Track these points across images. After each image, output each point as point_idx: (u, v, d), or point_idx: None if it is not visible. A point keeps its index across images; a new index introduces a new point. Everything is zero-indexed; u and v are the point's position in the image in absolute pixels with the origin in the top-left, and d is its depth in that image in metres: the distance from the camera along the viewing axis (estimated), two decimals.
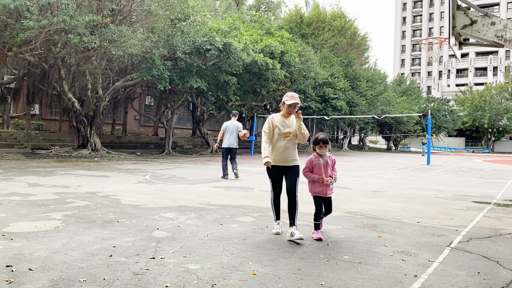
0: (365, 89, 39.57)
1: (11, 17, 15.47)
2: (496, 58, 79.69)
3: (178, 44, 20.07)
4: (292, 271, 3.64)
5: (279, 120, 4.94)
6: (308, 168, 4.92)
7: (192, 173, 12.82)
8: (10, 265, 3.52)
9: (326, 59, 36.63)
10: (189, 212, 6.21)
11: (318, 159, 4.90)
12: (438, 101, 59.80)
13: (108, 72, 20.89)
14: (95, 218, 5.58)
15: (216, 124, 42.62)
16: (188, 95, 24.91)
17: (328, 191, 4.91)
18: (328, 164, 4.92)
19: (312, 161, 4.91)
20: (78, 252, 3.97)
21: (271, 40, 25.05)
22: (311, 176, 4.90)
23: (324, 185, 4.85)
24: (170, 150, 24.66)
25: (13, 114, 25.58)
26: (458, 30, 6.06)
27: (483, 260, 4.18)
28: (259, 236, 4.87)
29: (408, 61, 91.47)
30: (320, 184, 4.85)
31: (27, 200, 6.78)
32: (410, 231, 5.43)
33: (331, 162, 4.97)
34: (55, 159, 17.03)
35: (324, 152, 4.91)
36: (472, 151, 58.91)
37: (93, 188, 8.58)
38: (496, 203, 8.38)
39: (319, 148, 4.89)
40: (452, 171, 17.69)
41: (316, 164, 4.89)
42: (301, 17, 42.30)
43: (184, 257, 3.93)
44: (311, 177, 4.90)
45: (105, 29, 16.62)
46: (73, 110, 20.10)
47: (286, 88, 28.36)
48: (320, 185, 4.86)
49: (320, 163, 4.88)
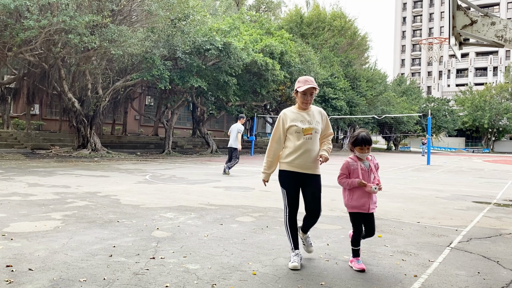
0: (365, 89, 39.57)
1: (11, 17, 15.47)
2: (496, 58, 79.68)
3: (178, 44, 20.07)
4: (292, 271, 3.64)
5: (294, 115, 3.86)
6: (344, 175, 3.86)
7: (192, 173, 12.82)
8: (10, 265, 3.52)
9: (326, 59, 36.62)
10: (189, 212, 6.21)
11: (357, 162, 3.85)
12: (438, 101, 59.80)
13: (108, 72, 20.89)
14: (95, 218, 5.58)
15: (216, 124, 42.64)
16: (188, 95, 24.91)
17: (371, 205, 3.82)
18: (371, 169, 3.87)
19: (349, 165, 3.85)
20: (78, 252, 3.97)
21: (271, 40, 25.06)
22: (349, 182, 3.81)
23: (366, 196, 3.79)
24: (170, 150, 24.66)
25: (13, 114, 25.58)
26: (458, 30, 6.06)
27: (483, 260, 4.18)
28: (259, 236, 4.87)
29: (408, 61, 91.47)
30: (360, 195, 3.80)
31: (27, 200, 6.78)
32: (410, 231, 5.43)
33: (374, 166, 3.91)
34: (55, 159, 17.03)
35: (366, 156, 3.87)
36: (472, 151, 58.91)
37: (93, 188, 8.58)
38: (496, 203, 8.38)
39: (359, 150, 3.81)
40: (452, 171, 17.69)
41: (354, 170, 3.83)
42: (301, 17, 42.31)
43: (184, 257, 3.93)
44: (348, 183, 3.81)
45: (105, 29, 16.62)
46: (73, 110, 20.10)
47: (286, 88, 28.35)
48: (360, 197, 3.80)
49: (359, 167, 3.83)
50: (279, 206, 7.07)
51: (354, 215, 3.86)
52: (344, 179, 3.85)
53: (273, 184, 10.53)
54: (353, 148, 3.85)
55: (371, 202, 3.82)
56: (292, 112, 3.90)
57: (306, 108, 3.88)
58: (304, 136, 3.78)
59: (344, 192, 3.93)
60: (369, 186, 3.74)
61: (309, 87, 3.75)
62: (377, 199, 4.02)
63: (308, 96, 3.80)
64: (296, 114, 3.86)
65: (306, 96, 3.80)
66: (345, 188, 3.90)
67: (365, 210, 3.80)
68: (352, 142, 3.85)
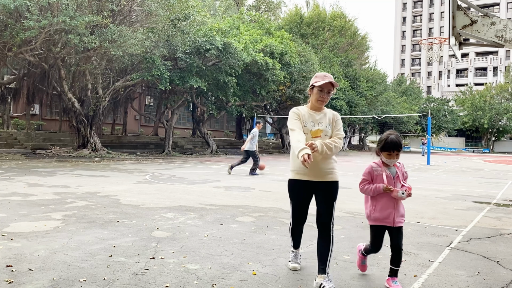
0: (365, 89, 39.57)
1: (11, 17, 15.47)
2: (496, 58, 79.69)
3: (178, 44, 20.08)
4: (292, 271, 3.64)
5: (306, 115, 3.46)
6: (366, 181, 3.40)
7: (192, 173, 12.82)
8: (10, 265, 3.52)
9: (326, 59, 36.63)
10: (189, 212, 6.21)
11: (382, 168, 3.37)
12: (438, 101, 59.81)
13: (108, 72, 20.90)
14: (95, 218, 5.58)
15: (216, 124, 42.62)
16: (188, 95, 24.91)
17: (397, 218, 3.29)
18: (397, 177, 3.37)
19: (373, 171, 3.39)
20: (78, 252, 3.97)
21: (271, 40, 25.06)
22: (373, 187, 3.33)
23: (391, 207, 3.29)
24: (170, 150, 24.66)
25: (13, 114, 25.58)
26: (458, 30, 6.06)
27: (483, 260, 4.18)
28: (259, 236, 4.86)
29: (408, 61, 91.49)
30: (385, 206, 3.30)
31: (27, 200, 6.78)
32: (410, 231, 5.43)
33: (401, 175, 3.40)
34: (55, 159, 17.03)
35: (394, 162, 3.38)
36: (472, 151, 58.92)
37: (93, 188, 8.58)
38: (496, 203, 8.38)
39: (387, 156, 3.31)
40: (452, 171, 17.69)
41: (378, 176, 3.36)
42: (301, 17, 42.32)
43: (184, 257, 3.93)
44: (372, 189, 3.33)
45: (105, 29, 16.62)
46: (73, 110, 20.10)
47: (286, 89, 28.35)
48: (385, 207, 3.30)
49: (384, 174, 3.35)
50: (279, 206, 7.07)
51: (375, 228, 3.35)
52: (366, 185, 3.38)
53: (273, 184, 10.55)
54: (380, 153, 3.36)
55: (397, 214, 3.28)
56: (304, 110, 3.49)
57: (321, 107, 3.47)
58: (312, 139, 3.33)
59: (366, 202, 3.45)
60: (396, 191, 3.25)
61: (328, 82, 3.35)
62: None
63: (325, 93, 3.41)
64: (308, 114, 3.45)
65: (322, 93, 3.40)
66: (367, 197, 3.42)
67: (390, 223, 3.28)
68: (380, 147, 3.33)
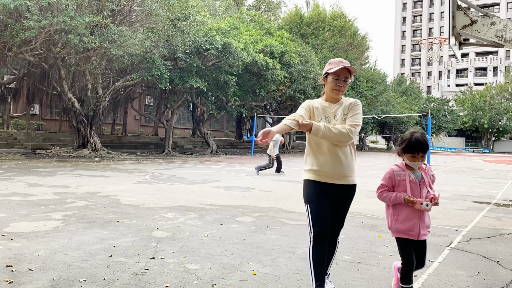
0: (365, 89, 39.58)
1: (11, 17, 15.47)
2: (496, 58, 79.69)
3: (178, 44, 20.08)
4: (292, 271, 3.64)
5: (321, 108, 3.00)
6: (386, 187, 2.95)
7: (192, 173, 12.82)
8: (10, 265, 3.52)
9: (326, 59, 36.59)
10: (189, 212, 6.21)
11: (405, 172, 2.91)
12: (438, 101, 59.84)
13: (108, 72, 20.89)
14: (95, 218, 5.58)
15: (216, 124, 42.61)
16: (188, 95, 24.92)
17: (422, 230, 2.88)
18: (423, 182, 2.91)
19: (394, 176, 2.92)
20: (78, 252, 3.97)
21: (271, 40, 25.06)
22: (392, 196, 2.89)
23: (415, 218, 2.86)
24: (170, 150, 24.66)
25: (13, 114, 25.57)
26: (458, 30, 6.06)
27: (483, 260, 4.18)
28: (259, 236, 4.86)
29: (408, 61, 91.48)
30: (408, 216, 2.87)
31: (27, 200, 6.78)
32: None
33: (428, 179, 2.95)
34: (55, 159, 17.03)
35: (419, 165, 2.92)
36: (472, 151, 58.91)
37: (93, 188, 8.58)
38: (496, 203, 8.38)
39: (410, 158, 2.87)
40: (452, 171, 17.69)
41: (400, 181, 2.91)
42: (301, 17, 42.32)
43: (184, 257, 3.93)
44: (391, 198, 2.90)
45: (105, 29, 16.62)
46: (73, 110, 20.10)
47: (286, 89, 28.36)
48: (408, 218, 2.88)
49: (408, 179, 2.89)
50: (279, 206, 7.06)
51: (401, 241, 2.92)
52: (385, 193, 2.93)
53: (273, 184, 10.55)
54: (402, 154, 2.91)
55: (422, 225, 2.88)
56: (317, 103, 3.03)
57: (337, 97, 3.00)
58: None
59: (387, 211, 3.00)
60: (419, 202, 2.79)
61: (344, 67, 2.92)
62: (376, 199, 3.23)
63: (341, 81, 2.94)
64: (322, 107, 3.00)
65: (338, 81, 2.94)
66: (388, 205, 2.97)
67: (414, 236, 2.86)
68: (403, 147, 2.87)
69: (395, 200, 2.88)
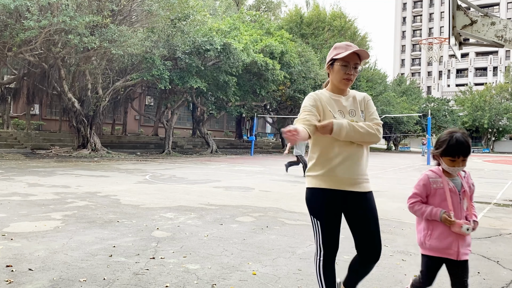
0: (365, 89, 39.60)
1: (11, 17, 15.48)
2: (496, 58, 79.70)
3: (178, 44, 20.09)
4: (292, 271, 3.64)
5: (328, 100, 2.50)
6: (419, 197, 2.50)
7: (192, 173, 12.82)
8: (10, 265, 3.52)
9: (326, 59, 36.63)
10: (189, 212, 6.21)
11: (442, 178, 2.46)
12: (438, 101, 59.85)
13: (108, 72, 20.90)
14: (95, 218, 5.58)
15: (216, 124, 42.61)
16: (188, 95, 24.92)
17: (461, 248, 2.44)
18: (464, 192, 2.49)
19: (430, 183, 2.47)
20: (78, 252, 3.97)
21: (271, 40, 25.07)
22: (427, 211, 2.44)
23: (453, 234, 2.41)
24: (170, 150, 24.66)
25: (13, 114, 25.58)
26: (458, 30, 6.06)
27: (483, 260, 4.18)
28: (259, 236, 4.86)
29: (408, 61, 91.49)
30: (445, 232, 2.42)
31: (27, 200, 6.78)
32: (410, 231, 5.43)
33: (468, 188, 2.53)
34: (55, 159, 17.03)
35: (458, 171, 2.48)
36: (472, 151, 58.86)
37: (93, 188, 8.58)
38: (496, 203, 8.38)
39: (449, 162, 2.41)
40: None
41: (437, 191, 2.46)
42: (301, 17, 42.33)
43: (184, 257, 3.93)
44: (426, 213, 2.45)
45: (105, 29, 16.63)
46: (73, 110, 20.10)
47: (286, 89, 28.35)
48: (445, 234, 2.42)
49: (446, 187, 2.44)
50: (279, 206, 7.06)
51: (430, 260, 2.50)
52: (418, 205, 2.47)
53: (273, 183, 10.56)
54: (439, 157, 2.45)
55: (461, 244, 2.43)
56: (325, 96, 2.51)
57: (346, 89, 2.55)
58: None
59: (418, 223, 2.56)
60: (459, 224, 2.37)
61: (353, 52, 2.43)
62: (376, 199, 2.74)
63: (351, 69, 2.46)
64: (331, 100, 2.49)
65: (347, 68, 2.45)
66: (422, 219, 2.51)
67: (452, 255, 2.42)
68: (442, 150, 2.41)
69: (430, 216, 2.43)
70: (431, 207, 2.43)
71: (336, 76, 2.50)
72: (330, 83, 2.57)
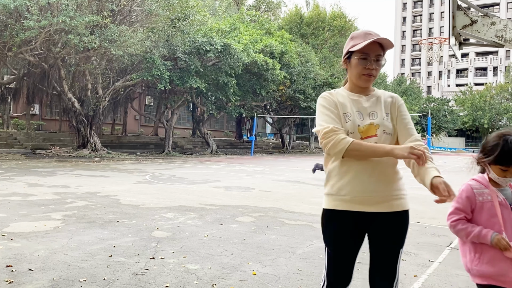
0: None
1: (11, 17, 15.48)
2: (496, 58, 79.71)
3: (178, 44, 20.09)
4: (292, 271, 3.63)
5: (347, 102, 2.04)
6: (462, 214, 2.06)
7: (192, 173, 12.82)
8: (10, 265, 3.52)
9: (326, 59, 36.64)
10: (189, 212, 6.21)
11: (490, 189, 2.01)
12: (438, 101, 59.87)
13: (108, 72, 20.89)
14: (95, 218, 5.57)
15: (216, 124, 42.59)
16: (188, 95, 24.92)
17: None
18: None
19: (474, 196, 2.04)
20: (78, 252, 3.97)
21: (271, 40, 25.07)
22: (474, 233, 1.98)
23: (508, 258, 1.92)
24: (170, 150, 24.66)
25: (13, 114, 25.57)
26: (458, 30, 6.06)
27: None
28: (259, 236, 4.86)
29: (408, 61, 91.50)
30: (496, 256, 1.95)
31: (27, 200, 6.78)
32: (410, 231, 5.41)
33: None
34: (55, 159, 17.03)
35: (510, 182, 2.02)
36: (472, 151, 58.91)
37: (93, 188, 8.57)
38: None
39: (501, 171, 1.96)
40: (452, 171, 17.68)
41: (483, 203, 2.01)
42: (301, 17, 42.34)
43: (184, 257, 3.93)
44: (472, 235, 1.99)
45: (105, 29, 16.62)
46: (73, 110, 20.10)
47: (286, 89, 28.35)
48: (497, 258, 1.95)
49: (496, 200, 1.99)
50: (279, 206, 7.05)
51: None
52: (462, 224, 2.03)
53: (273, 183, 10.56)
54: (487, 165, 2.01)
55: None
56: (342, 96, 2.06)
57: (367, 87, 2.08)
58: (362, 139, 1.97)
59: (462, 245, 2.11)
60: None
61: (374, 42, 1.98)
62: None
63: (372, 62, 1.99)
64: (350, 101, 2.04)
65: (367, 61, 1.99)
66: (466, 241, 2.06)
67: (507, 283, 1.94)
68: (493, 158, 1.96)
69: (478, 239, 1.96)
70: (479, 228, 1.96)
71: (354, 71, 2.02)
72: (349, 80, 2.10)
